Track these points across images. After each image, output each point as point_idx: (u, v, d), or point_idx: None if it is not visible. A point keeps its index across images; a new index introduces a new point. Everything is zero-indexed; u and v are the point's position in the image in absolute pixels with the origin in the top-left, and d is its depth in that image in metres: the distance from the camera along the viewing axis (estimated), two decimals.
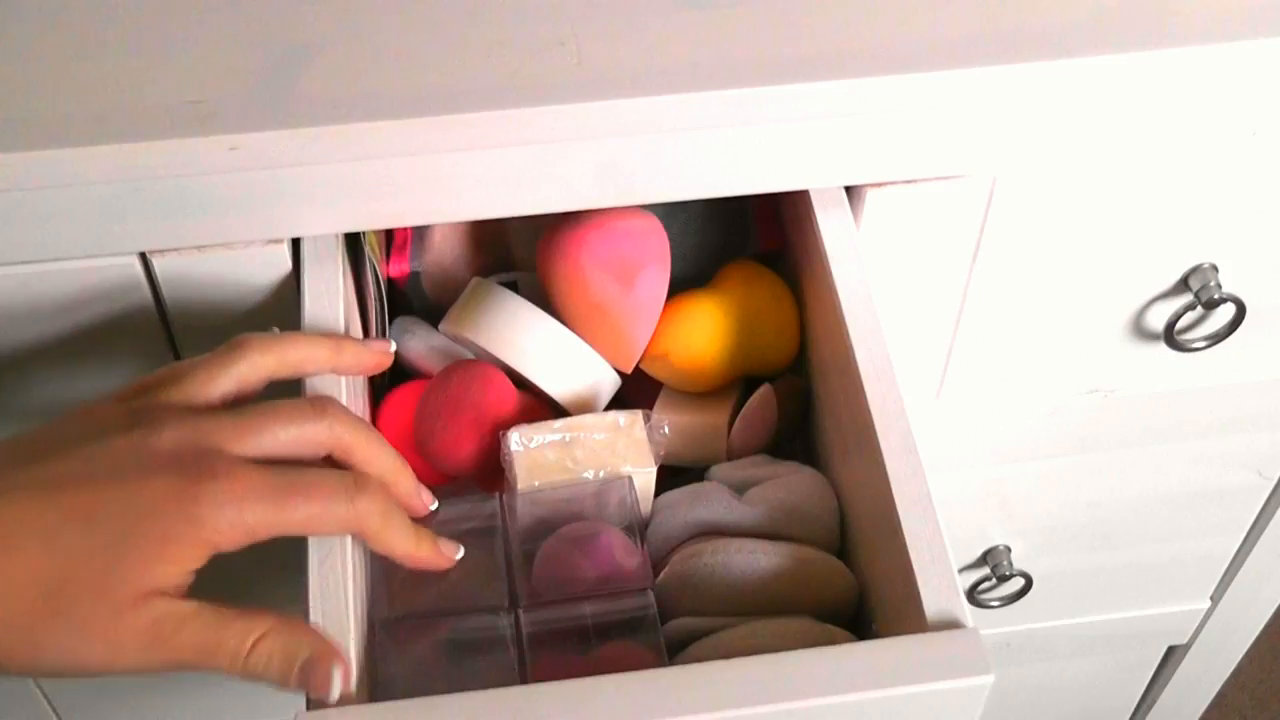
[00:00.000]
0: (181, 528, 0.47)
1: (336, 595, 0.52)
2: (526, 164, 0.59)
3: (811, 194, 0.65)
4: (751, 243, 0.73)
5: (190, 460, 0.49)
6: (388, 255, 0.70)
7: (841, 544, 0.63)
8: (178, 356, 0.68)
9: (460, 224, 0.70)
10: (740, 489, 0.63)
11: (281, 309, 0.64)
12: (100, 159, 0.56)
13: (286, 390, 0.56)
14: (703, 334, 0.67)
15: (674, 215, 0.71)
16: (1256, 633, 1.11)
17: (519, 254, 0.73)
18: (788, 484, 0.63)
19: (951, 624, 0.51)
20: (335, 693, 0.49)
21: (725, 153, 0.60)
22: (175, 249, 0.61)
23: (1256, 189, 0.69)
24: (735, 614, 0.58)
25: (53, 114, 0.57)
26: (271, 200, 0.59)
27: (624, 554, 0.58)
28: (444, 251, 0.71)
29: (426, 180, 0.59)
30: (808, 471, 0.64)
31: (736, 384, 0.70)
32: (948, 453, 0.85)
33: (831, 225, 0.63)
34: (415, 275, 0.71)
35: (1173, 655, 1.14)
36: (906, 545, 0.53)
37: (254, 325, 0.65)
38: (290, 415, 0.52)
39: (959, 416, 0.82)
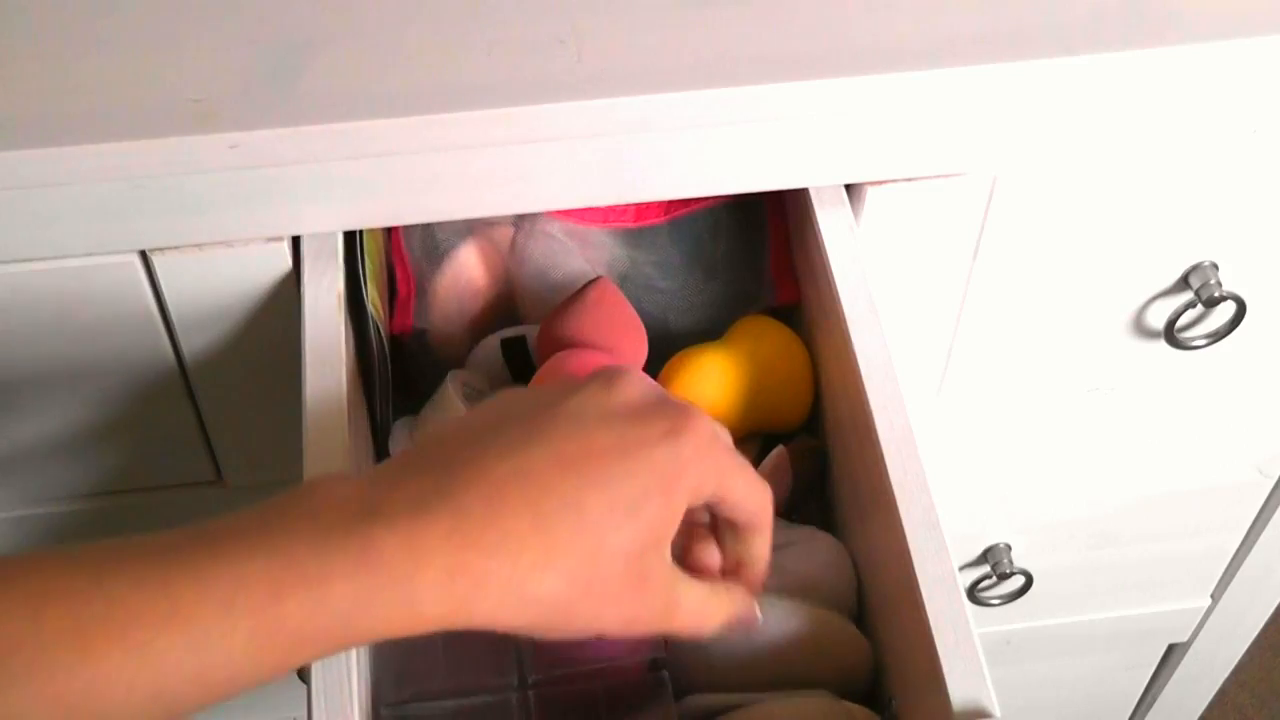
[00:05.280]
0: (672, 483, 0.45)
1: (340, 686, 0.50)
2: (527, 162, 0.59)
3: (811, 192, 0.65)
4: (766, 296, 0.70)
5: (663, 408, 0.47)
6: (390, 310, 0.67)
7: (859, 609, 0.61)
8: (178, 354, 0.68)
9: (463, 277, 0.69)
10: None
11: (281, 307, 0.64)
12: (100, 157, 0.56)
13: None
14: (714, 389, 0.64)
15: (689, 267, 0.70)
16: (1257, 630, 1.11)
17: (525, 307, 0.70)
18: (804, 554, 0.61)
19: (978, 713, 0.49)
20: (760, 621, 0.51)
21: (725, 151, 0.60)
22: (175, 247, 0.61)
23: (1257, 187, 0.69)
24: (750, 683, 0.56)
25: (52, 112, 0.57)
26: (272, 198, 0.59)
27: None
28: (448, 306, 0.68)
29: (427, 179, 0.59)
30: (824, 539, 0.62)
31: (749, 444, 0.67)
32: (948, 450, 0.85)
33: (831, 224, 0.63)
34: (420, 332, 0.67)
35: (1173, 653, 1.14)
36: (930, 625, 0.51)
37: (254, 323, 0.65)
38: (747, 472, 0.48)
39: (959, 413, 0.82)
